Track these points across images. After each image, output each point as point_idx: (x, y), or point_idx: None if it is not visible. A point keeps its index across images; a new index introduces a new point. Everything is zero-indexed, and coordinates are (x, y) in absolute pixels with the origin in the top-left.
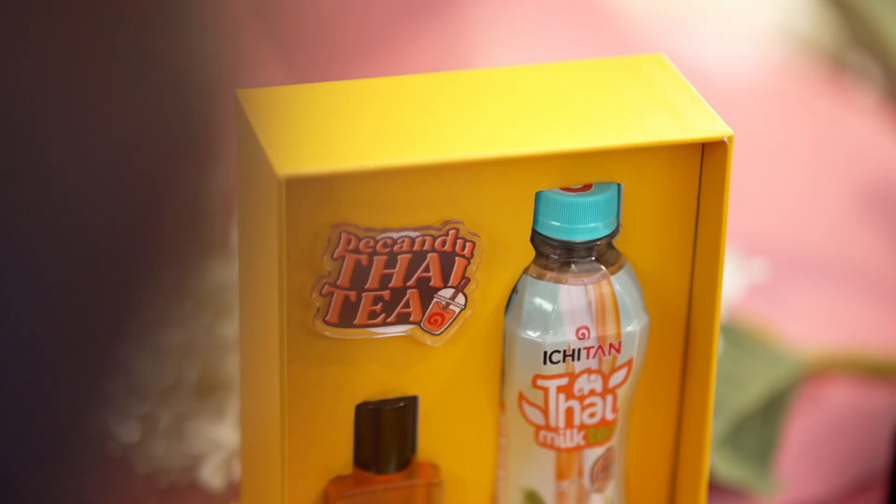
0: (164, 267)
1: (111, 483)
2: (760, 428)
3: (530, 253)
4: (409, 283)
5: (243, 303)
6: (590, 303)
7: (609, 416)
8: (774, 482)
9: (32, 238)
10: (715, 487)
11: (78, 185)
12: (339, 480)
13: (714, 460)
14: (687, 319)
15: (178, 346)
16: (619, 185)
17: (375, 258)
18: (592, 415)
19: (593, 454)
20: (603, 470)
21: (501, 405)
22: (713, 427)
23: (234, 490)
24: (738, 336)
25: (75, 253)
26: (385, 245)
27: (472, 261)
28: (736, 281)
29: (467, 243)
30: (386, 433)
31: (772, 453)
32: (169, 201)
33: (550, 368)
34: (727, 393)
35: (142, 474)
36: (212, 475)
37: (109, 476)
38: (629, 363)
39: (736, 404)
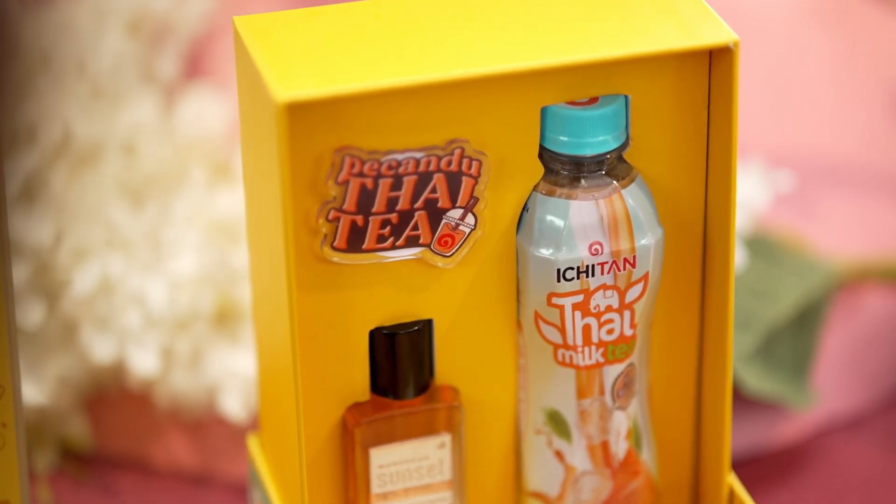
0: None
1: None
2: (794, 340)
3: (539, 170)
4: (416, 206)
5: (251, 231)
6: (602, 218)
7: (627, 331)
8: (809, 394)
9: None
10: (748, 401)
11: None
12: (357, 407)
13: (744, 374)
14: (703, 231)
15: (192, 275)
16: (626, 97)
17: (381, 181)
18: (610, 331)
19: (613, 371)
20: (624, 387)
21: (518, 325)
22: (744, 341)
23: (256, 422)
24: (767, 248)
25: None
26: (390, 167)
27: (479, 180)
28: (762, 193)
29: (474, 162)
30: (402, 358)
31: (806, 365)
32: None
33: (565, 286)
34: (758, 306)
35: (164, 409)
36: (234, 406)
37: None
38: (645, 277)
39: (767, 317)
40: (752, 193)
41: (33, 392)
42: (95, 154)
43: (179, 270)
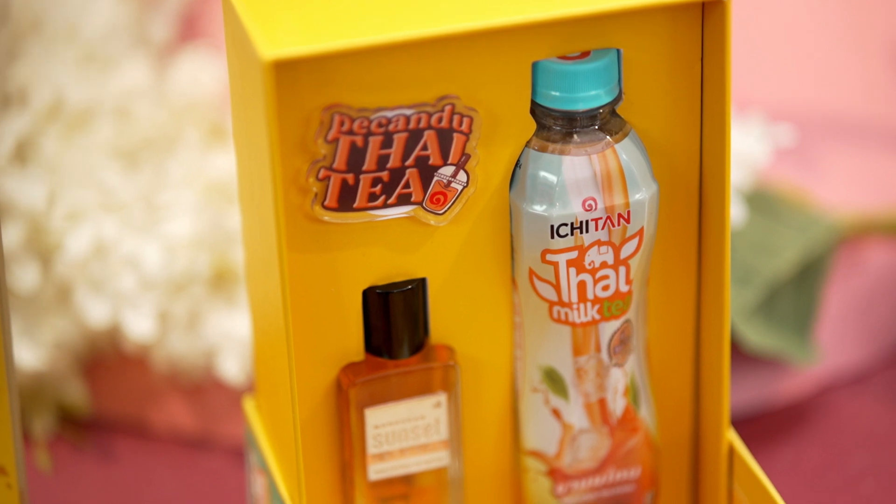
0: None
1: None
2: (796, 295)
3: (531, 125)
4: (407, 163)
5: (242, 192)
6: (595, 173)
7: (623, 288)
8: (812, 350)
9: None
10: (750, 358)
11: None
12: (351, 367)
13: (745, 330)
14: (699, 185)
15: (188, 237)
16: (618, 50)
17: (371, 139)
18: (606, 287)
19: (610, 328)
20: (621, 343)
21: (513, 283)
22: (745, 297)
23: (253, 384)
24: (768, 203)
25: None
26: (380, 125)
27: (471, 136)
28: (762, 148)
29: (465, 119)
30: (396, 317)
31: (809, 320)
32: None
33: (559, 242)
34: (759, 261)
35: (162, 373)
36: (231, 368)
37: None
38: (640, 233)
39: (769, 272)
40: (752, 148)
41: (29, 357)
42: (88, 117)
43: (175, 233)
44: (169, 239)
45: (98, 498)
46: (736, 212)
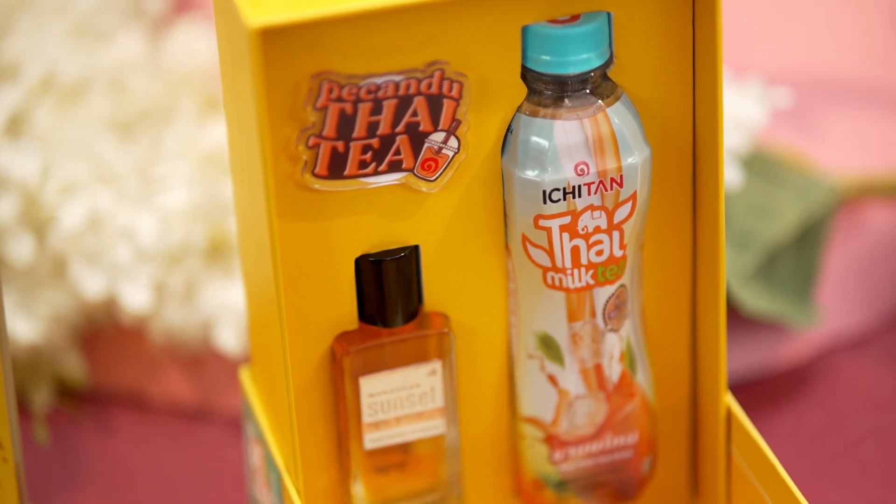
0: None
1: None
2: (796, 258)
3: (522, 90)
4: (397, 130)
5: (233, 162)
6: (587, 137)
7: (617, 252)
8: (813, 313)
9: None
10: (750, 322)
11: None
12: (345, 336)
13: (743, 294)
14: (692, 148)
15: (184, 208)
16: (608, 13)
17: (360, 106)
18: (599, 252)
19: (604, 293)
20: (616, 309)
21: (506, 249)
22: (743, 261)
23: (249, 354)
24: (766, 166)
25: None
26: (369, 91)
27: (461, 102)
28: (759, 111)
29: (454, 84)
30: (389, 285)
31: (809, 284)
32: None
33: (551, 207)
34: (758, 224)
35: (160, 345)
36: (229, 339)
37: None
38: (633, 197)
39: (768, 236)
40: (749, 111)
41: (26, 330)
42: (82, 90)
43: (170, 204)
44: (164, 210)
45: (97, 471)
46: (733, 175)
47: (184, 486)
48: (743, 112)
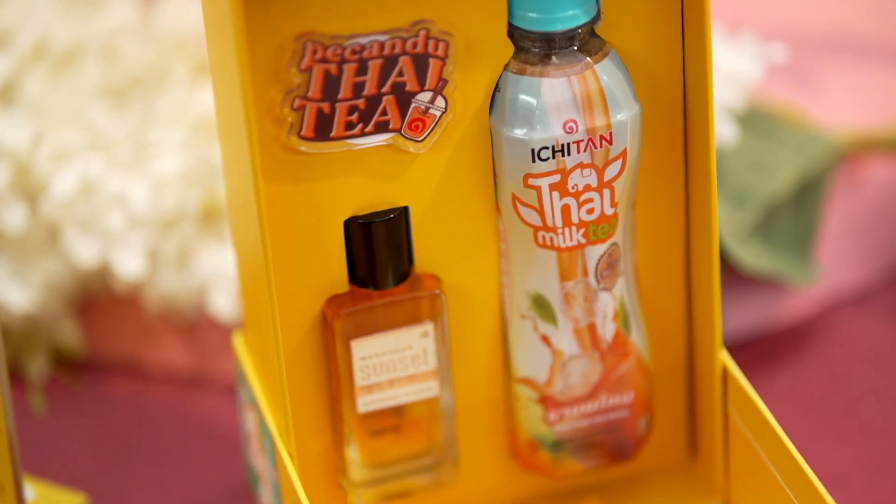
0: None
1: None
2: (794, 215)
3: (509, 48)
4: (383, 90)
5: (221, 127)
6: (575, 95)
7: (608, 210)
8: (812, 269)
9: None
10: (750, 280)
11: None
12: (335, 299)
13: (740, 252)
14: (683, 104)
15: (177, 174)
16: None
17: (345, 66)
18: (590, 211)
19: (596, 252)
20: (608, 267)
21: (497, 209)
22: (741, 218)
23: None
24: (763, 122)
25: None
26: (354, 52)
27: (447, 61)
28: (754, 67)
29: (440, 43)
30: (379, 247)
31: (808, 240)
32: None
33: (540, 166)
34: (755, 181)
35: (155, 312)
36: (223, 305)
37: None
38: (623, 154)
39: (766, 192)
40: (745, 67)
41: (20, 299)
42: (75, 57)
43: (163, 170)
44: (157, 176)
45: (94, 439)
46: (728, 132)
47: (180, 453)
48: (738, 68)
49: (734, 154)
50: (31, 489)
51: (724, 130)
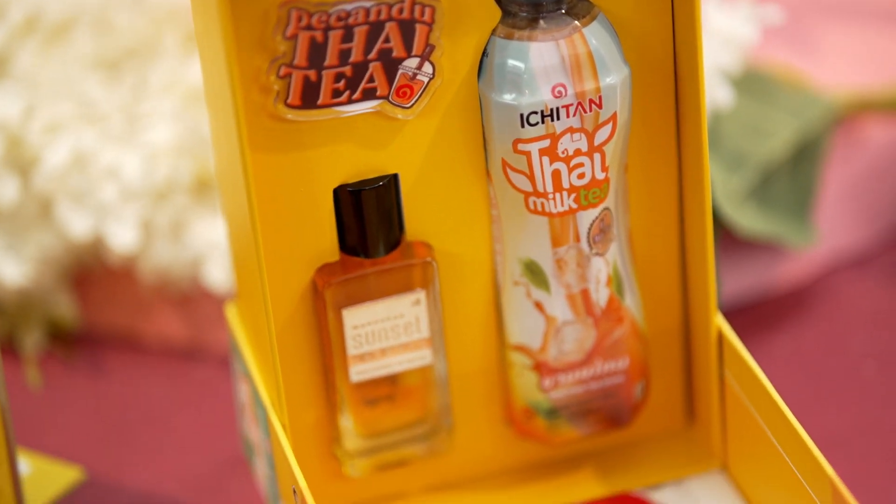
0: None
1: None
2: (792, 177)
3: (496, 13)
4: (370, 57)
5: (209, 95)
6: (563, 59)
7: (599, 175)
8: (810, 232)
9: None
10: (748, 244)
11: None
12: (326, 268)
13: (736, 216)
14: (674, 67)
15: (169, 145)
16: None
17: (331, 33)
18: (581, 175)
19: (588, 217)
20: (601, 232)
21: (487, 175)
22: (737, 182)
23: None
24: (759, 85)
25: None
26: (339, 18)
27: (433, 26)
28: (749, 29)
29: (426, 8)
30: (369, 215)
31: (806, 203)
32: None
33: (529, 131)
34: (751, 144)
35: (150, 284)
36: (218, 276)
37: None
38: (613, 118)
39: (762, 155)
40: (740, 30)
41: (14, 273)
42: (67, 29)
43: (156, 141)
44: (150, 147)
45: (89, 412)
46: (724, 95)
47: (177, 425)
48: (733, 31)
49: (730, 117)
50: (26, 463)
51: (719, 94)
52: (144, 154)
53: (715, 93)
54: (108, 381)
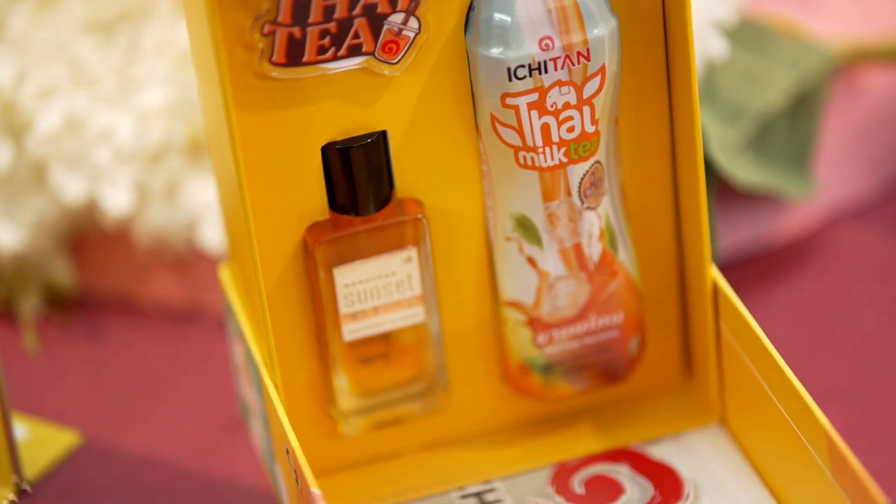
0: None
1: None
2: (790, 128)
3: None
4: (354, 13)
5: (195, 54)
6: (549, 10)
7: (589, 128)
8: (809, 183)
9: None
10: (748, 196)
11: None
12: (316, 227)
13: (732, 169)
14: (663, 18)
15: (162, 107)
16: None
17: None
18: (571, 129)
19: (578, 170)
20: (592, 186)
21: (477, 130)
22: (733, 134)
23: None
24: (756, 36)
25: None
26: None
27: None
28: None
29: None
30: (358, 172)
31: (805, 154)
32: None
33: (517, 85)
34: (749, 96)
35: (146, 247)
36: (213, 237)
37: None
38: (602, 70)
39: (760, 107)
40: None
41: (10, 238)
42: None
43: (148, 103)
44: (143, 110)
45: (87, 376)
46: (718, 46)
47: (174, 388)
48: None
49: (726, 69)
50: (23, 427)
51: (714, 45)
52: (138, 116)
53: (709, 44)
54: (106, 345)
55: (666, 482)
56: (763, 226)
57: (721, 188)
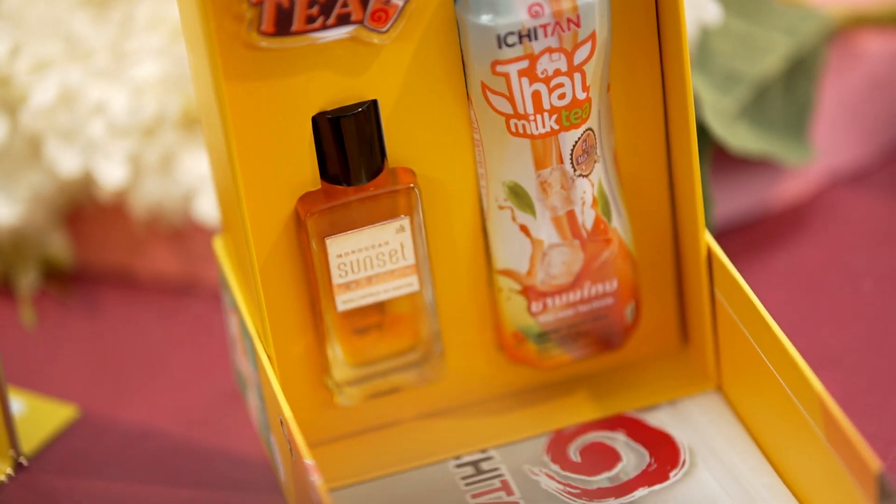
0: None
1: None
2: (786, 94)
3: None
4: None
5: (185, 26)
6: None
7: (580, 95)
8: (806, 149)
9: None
10: (746, 163)
11: None
12: (308, 197)
13: (727, 136)
14: None
15: (156, 80)
16: None
17: None
18: (562, 96)
19: (570, 137)
20: (584, 153)
21: (468, 99)
22: (728, 101)
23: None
24: (752, 1)
25: None
26: None
27: None
28: None
29: None
30: (350, 142)
31: (802, 119)
32: None
33: (507, 52)
34: (744, 62)
35: (142, 220)
36: (208, 209)
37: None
38: (592, 37)
39: (756, 73)
40: None
41: (6, 212)
42: None
43: (143, 76)
44: (137, 83)
45: (85, 350)
46: (712, 11)
47: (172, 361)
48: None
49: (722, 35)
50: (21, 401)
51: (707, 11)
52: (132, 90)
53: (703, 10)
54: (102, 319)
55: (662, 449)
56: (760, 192)
57: (717, 155)
